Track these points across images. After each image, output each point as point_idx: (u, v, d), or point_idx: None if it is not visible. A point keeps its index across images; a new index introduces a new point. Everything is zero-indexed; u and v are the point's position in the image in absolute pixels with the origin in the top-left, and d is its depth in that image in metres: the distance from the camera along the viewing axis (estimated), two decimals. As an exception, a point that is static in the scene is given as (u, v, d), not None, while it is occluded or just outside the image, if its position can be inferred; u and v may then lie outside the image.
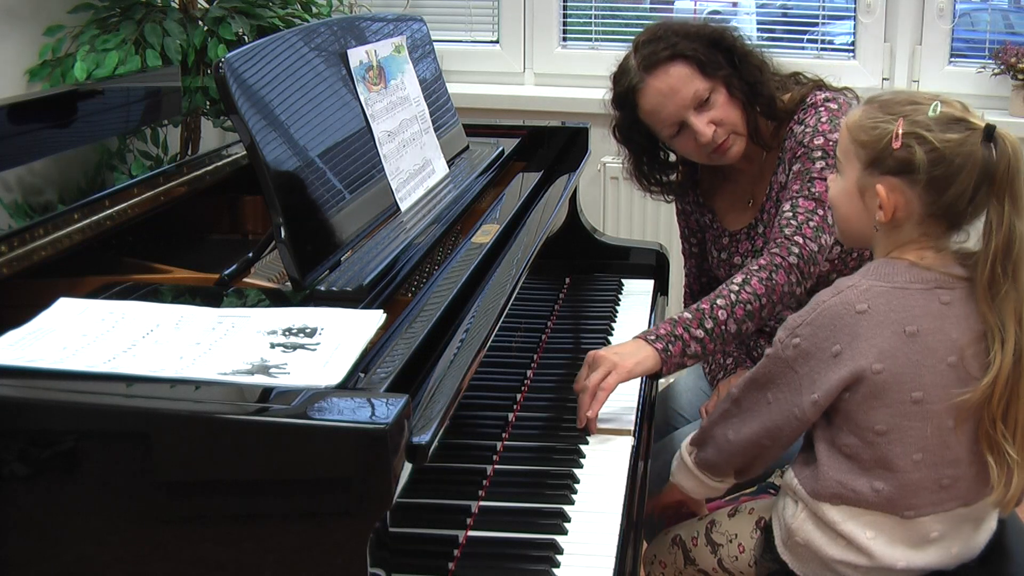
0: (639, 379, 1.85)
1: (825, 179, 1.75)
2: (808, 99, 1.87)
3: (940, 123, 1.36)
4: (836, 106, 1.83)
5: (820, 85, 1.91)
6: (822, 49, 3.19)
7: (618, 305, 2.15)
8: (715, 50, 1.83)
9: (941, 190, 1.37)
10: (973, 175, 1.35)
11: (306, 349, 1.07)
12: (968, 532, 1.46)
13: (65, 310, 1.17)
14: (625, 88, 1.88)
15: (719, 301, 1.67)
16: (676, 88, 1.82)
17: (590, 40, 3.24)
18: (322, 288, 1.29)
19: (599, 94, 3.06)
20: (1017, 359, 1.36)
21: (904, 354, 1.37)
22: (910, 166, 1.37)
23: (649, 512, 1.76)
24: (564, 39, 3.24)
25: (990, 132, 1.36)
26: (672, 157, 2.03)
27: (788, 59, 1.98)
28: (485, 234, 1.58)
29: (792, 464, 1.52)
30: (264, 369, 1.03)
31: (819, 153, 1.78)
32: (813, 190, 1.76)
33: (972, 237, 1.43)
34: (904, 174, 1.38)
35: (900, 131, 1.37)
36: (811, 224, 1.73)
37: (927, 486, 1.39)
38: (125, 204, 1.42)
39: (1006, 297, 1.36)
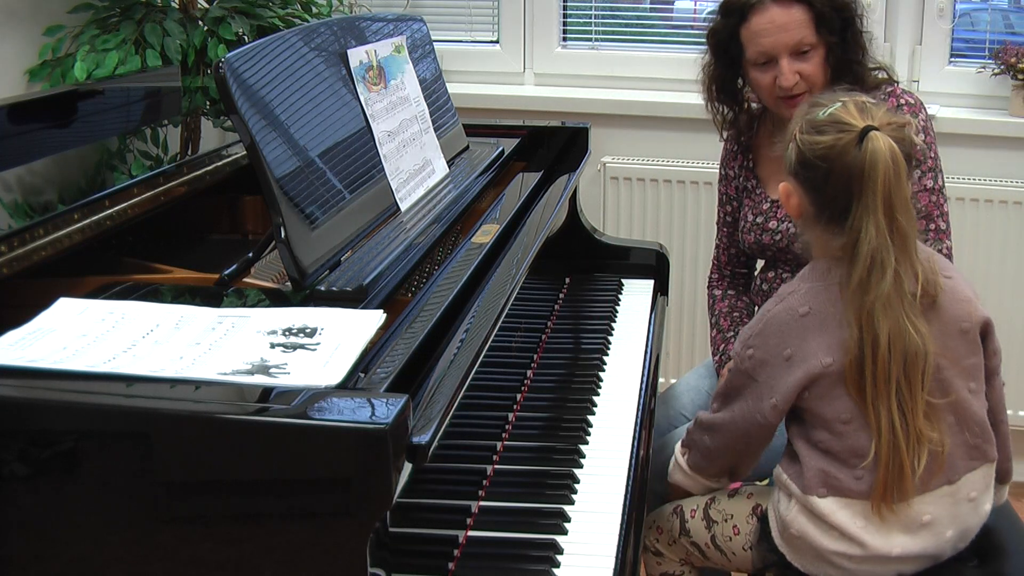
0: (639, 381, 1.85)
1: (926, 188, 1.86)
2: (886, 88, 1.94)
3: (814, 127, 1.42)
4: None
5: (891, 79, 1.99)
6: (822, 49, 3.18)
7: (618, 305, 2.15)
8: (836, 15, 1.89)
9: (817, 190, 1.43)
10: (843, 177, 1.39)
11: (306, 349, 1.07)
12: (963, 514, 1.46)
13: (65, 310, 1.17)
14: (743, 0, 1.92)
15: None
16: (788, 27, 1.87)
17: (590, 40, 3.24)
18: (322, 288, 1.29)
19: (599, 94, 3.09)
20: (857, 354, 1.40)
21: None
22: (787, 166, 1.47)
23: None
24: (564, 39, 3.24)
25: (862, 136, 1.38)
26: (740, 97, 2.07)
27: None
28: (485, 234, 1.58)
29: (780, 461, 1.54)
30: (264, 369, 1.03)
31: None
32: (918, 205, 1.84)
33: None
34: (788, 175, 1.48)
35: (795, 132, 1.45)
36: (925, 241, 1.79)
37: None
38: (125, 204, 1.42)
39: (851, 294, 1.41)
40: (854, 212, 1.39)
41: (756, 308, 2.13)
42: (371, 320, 1.15)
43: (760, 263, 2.14)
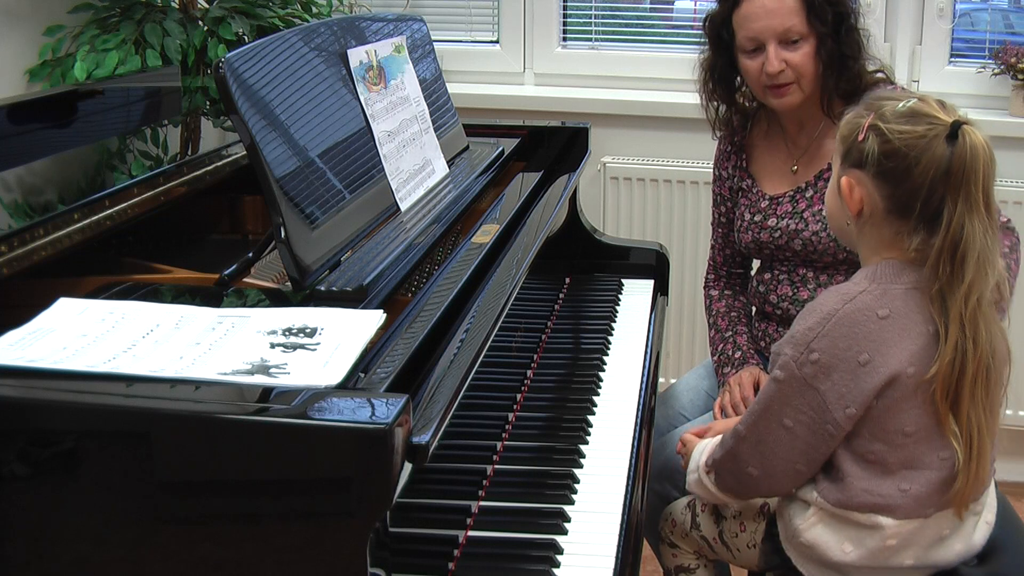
0: (639, 381, 1.85)
1: None
2: (882, 87, 1.93)
3: (901, 116, 1.36)
4: None
5: (889, 80, 1.97)
6: (822, 49, 3.18)
7: (618, 305, 2.15)
8: (829, 7, 1.88)
9: (896, 183, 1.36)
10: (930, 170, 1.33)
11: (306, 349, 1.07)
12: (968, 530, 1.46)
13: (65, 310, 1.17)
14: None
15: None
16: (777, 13, 1.87)
17: (590, 40, 3.24)
18: (322, 288, 1.29)
19: (599, 94, 3.10)
20: (956, 358, 1.34)
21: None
22: (864, 157, 1.38)
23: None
24: (564, 39, 3.24)
25: (954, 129, 1.34)
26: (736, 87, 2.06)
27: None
28: (485, 234, 1.57)
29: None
30: (264, 369, 1.03)
31: None
32: None
33: None
34: (861, 166, 1.39)
35: (867, 124, 1.38)
36: None
37: (947, 481, 1.39)
38: (125, 204, 1.42)
39: (948, 295, 1.35)
40: (950, 210, 1.33)
41: (753, 309, 2.12)
42: (371, 320, 1.15)
43: (756, 264, 2.13)
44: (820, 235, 1.93)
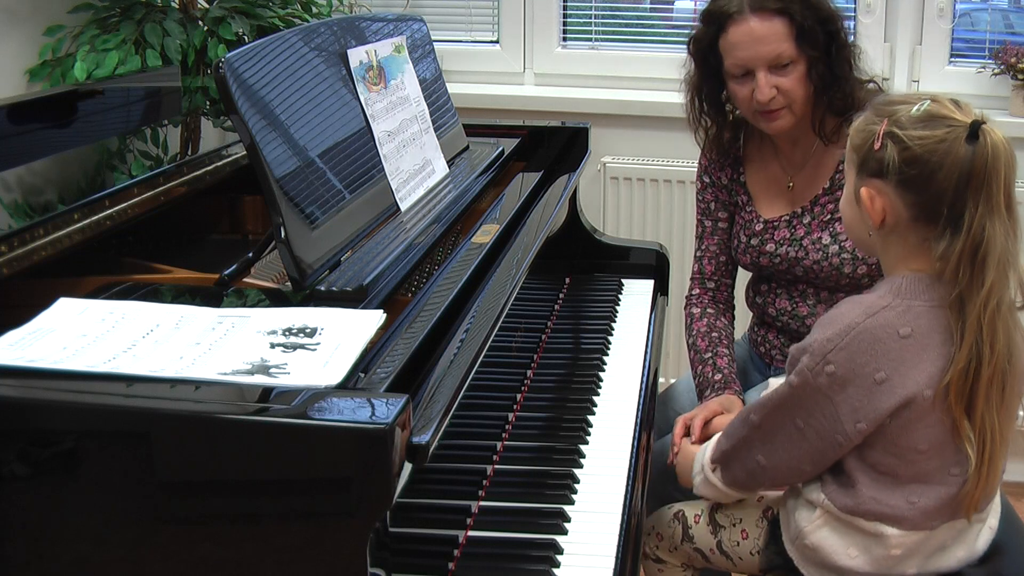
0: (639, 381, 1.85)
1: None
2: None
3: (918, 121, 1.33)
4: None
5: (882, 91, 1.90)
6: (822, 49, 3.17)
7: (618, 305, 2.15)
8: (820, 28, 1.82)
9: (919, 190, 1.33)
10: (954, 173, 1.30)
11: (306, 349, 1.07)
12: (971, 537, 1.46)
13: (65, 310, 1.17)
14: (722, 9, 1.85)
15: None
16: (766, 39, 1.80)
17: (590, 40, 3.24)
18: (322, 288, 1.29)
19: (599, 94, 3.10)
20: (971, 362, 1.32)
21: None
22: (885, 166, 1.34)
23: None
24: (564, 39, 3.24)
25: (974, 129, 1.30)
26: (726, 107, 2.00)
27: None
28: (485, 234, 1.57)
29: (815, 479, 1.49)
30: (264, 369, 1.03)
31: None
32: None
33: None
34: (882, 176, 1.35)
35: (881, 132, 1.35)
36: None
37: (956, 496, 1.39)
38: (125, 204, 1.42)
39: (967, 299, 1.32)
40: (971, 212, 1.29)
41: (753, 316, 2.10)
42: (371, 320, 1.15)
43: (749, 273, 2.10)
44: (822, 264, 1.88)
